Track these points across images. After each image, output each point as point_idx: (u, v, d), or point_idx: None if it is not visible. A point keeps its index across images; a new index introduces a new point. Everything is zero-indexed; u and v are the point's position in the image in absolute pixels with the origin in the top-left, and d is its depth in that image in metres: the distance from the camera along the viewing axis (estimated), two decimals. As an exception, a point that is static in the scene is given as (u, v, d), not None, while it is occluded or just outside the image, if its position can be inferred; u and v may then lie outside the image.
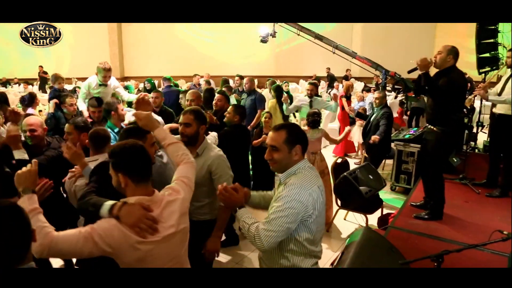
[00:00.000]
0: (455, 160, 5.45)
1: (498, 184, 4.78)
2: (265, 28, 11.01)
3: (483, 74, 6.13)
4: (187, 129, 2.63)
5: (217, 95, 5.01)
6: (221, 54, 16.27)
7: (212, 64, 15.35)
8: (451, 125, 3.85)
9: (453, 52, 3.81)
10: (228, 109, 4.18)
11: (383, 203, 4.62)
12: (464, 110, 6.91)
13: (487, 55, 5.90)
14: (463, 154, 5.89)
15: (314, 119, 4.48)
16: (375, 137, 5.07)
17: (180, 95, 6.16)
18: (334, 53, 9.05)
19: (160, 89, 6.33)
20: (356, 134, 7.53)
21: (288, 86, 10.20)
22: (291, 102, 6.82)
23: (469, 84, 6.30)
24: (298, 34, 9.59)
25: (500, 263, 2.93)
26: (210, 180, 2.66)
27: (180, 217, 1.83)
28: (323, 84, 14.13)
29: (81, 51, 15.05)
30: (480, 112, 6.46)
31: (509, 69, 4.64)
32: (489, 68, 5.90)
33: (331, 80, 14.39)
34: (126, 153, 1.76)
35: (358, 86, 13.56)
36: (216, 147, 2.85)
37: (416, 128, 6.56)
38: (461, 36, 13.15)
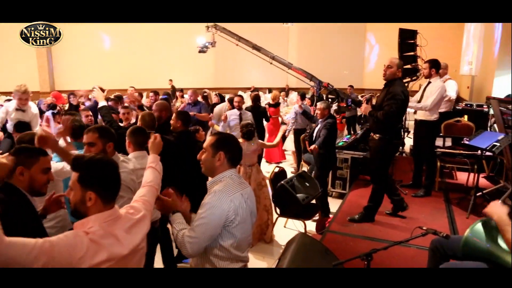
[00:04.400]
0: (384, 165, 5.79)
1: (422, 184, 5.18)
2: (203, 38, 10.74)
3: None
4: (91, 149, 2.48)
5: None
6: (158, 66, 16.00)
7: (148, 77, 15.04)
8: (392, 133, 4.08)
9: (401, 66, 4.08)
10: (172, 117, 4.15)
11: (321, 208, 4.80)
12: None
13: (409, 66, 6.39)
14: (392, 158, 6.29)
15: (248, 130, 4.39)
16: (314, 147, 5.14)
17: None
18: (271, 63, 9.15)
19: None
20: (288, 143, 7.76)
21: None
22: None
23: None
24: (237, 45, 9.50)
25: (424, 257, 3.14)
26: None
27: (143, 238, 1.73)
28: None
29: (5, 63, 14.10)
30: (405, 119, 6.96)
31: (427, 79, 5.07)
32: (409, 79, 6.38)
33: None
34: (100, 167, 1.59)
35: (295, 96, 13.97)
36: (130, 160, 2.80)
37: (349, 136, 6.91)
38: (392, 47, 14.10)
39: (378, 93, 10.71)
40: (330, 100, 8.25)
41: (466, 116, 6.25)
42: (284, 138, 8.07)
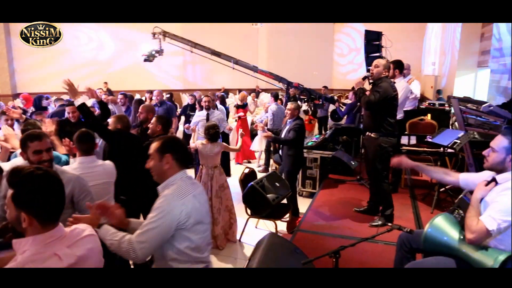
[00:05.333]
0: (353, 163, 5.91)
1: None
2: (148, 46, 9.60)
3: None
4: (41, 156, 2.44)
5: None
6: (126, 68, 15.67)
7: (116, 79, 14.72)
8: (385, 131, 4.15)
9: (388, 67, 4.18)
10: (152, 120, 4.09)
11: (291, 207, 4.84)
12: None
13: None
14: (360, 157, 6.43)
15: (214, 132, 4.36)
16: (267, 134, 4.99)
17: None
18: (233, 68, 8.90)
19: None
20: (256, 143, 7.79)
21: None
22: None
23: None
24: (192, 51, 9.10)
25: (392, 252, 3.22)
26: (72, 203, 2.52)
27: (91, 250, 1.59)
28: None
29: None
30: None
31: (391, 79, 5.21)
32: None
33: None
34: (36, 186, 1.38)
35: (265, 97, 14.05)
36: (69, 169, 2.73)
37: (318, 136, 7.01)
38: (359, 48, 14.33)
39: (346, 93, 10.95)
40: (303, 100, 8.34)
41: (429, 115, 6.46)
42: (252, 137, 8.11)
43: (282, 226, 4.78)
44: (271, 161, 7.15)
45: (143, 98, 7.98)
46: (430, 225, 2.36)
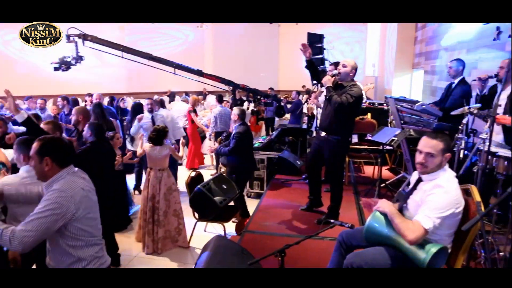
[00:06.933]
0: (299, 163, 6.04)
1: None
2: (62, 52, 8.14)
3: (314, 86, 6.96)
4: None
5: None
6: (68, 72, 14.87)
7: (53, 81, 13.93)
8: (345, 134, 4.15)
9: (355, 67, 4.12)
10: (85, 128, 3.93)
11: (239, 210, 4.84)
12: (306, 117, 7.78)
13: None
14: (305, 156, 6.58)
15: (157, 135, 4.31)
16: (213, 148, 5.00)
17: None
18: (175, 74, 8.49)
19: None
20: (205, 147, 7.75)
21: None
22: None
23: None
24: (122, 56, 8.34)
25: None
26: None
27: None
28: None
29: None
30: (317, 118, 7.32)
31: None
32: (316, 81, 6.72)
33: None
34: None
35: (213, 99, 13.96)
36: (16, 179, 2.67)
37: (264, 137, 7.09)
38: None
39: (291, 94, 11.17)
40: (250, 100, 8.40)
41: (369, 114, 6.75)
42: (202, 140, 8.03)
43: (231, 228, 4.78)
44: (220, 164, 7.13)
45: (82, 101, 7.63)
46: (372, 218, 2.46)
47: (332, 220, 2.44)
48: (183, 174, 6.49)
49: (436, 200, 2.23)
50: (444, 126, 4.40)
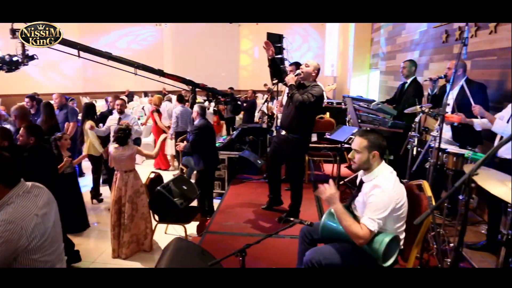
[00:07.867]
0: (259, 162, 6.06)
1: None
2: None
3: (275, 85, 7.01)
4: None
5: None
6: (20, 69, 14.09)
7: (7, 80, 13.17)
8: (305, 133, 4.17)
9: (318, 68, 4.13)
10: (20, 132, 3.68)
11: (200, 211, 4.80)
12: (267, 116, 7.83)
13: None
14: (266, 156, 6.61)
15: (121, 136, 4.18)
16: (180, 147, 4.97)
17: None
18: (136, 74, 8.18)
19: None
20: (168, 148, 7.63)
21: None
22: None
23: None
24: (79, 56, 7.84)
25: (296, 246, 3.35)
26: None
27: None
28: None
29: None
30: (276, 117, 7.38)
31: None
32: (277, 80, 6.78)
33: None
34: None
35: (173, 99, 13.76)
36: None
37: (225, 137, 7.06)
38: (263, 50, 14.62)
39: (248, 92, 11.20)
40: (210, 100, 8.34)
41: (328, 113, 6.89)
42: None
43: (192, 229, 4.72)
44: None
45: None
46: (327, 216, 2.52)
47: (292, 219, 2.46)
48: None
49: (375, 201, 2.32)
50: (399, 124, 4.57)
